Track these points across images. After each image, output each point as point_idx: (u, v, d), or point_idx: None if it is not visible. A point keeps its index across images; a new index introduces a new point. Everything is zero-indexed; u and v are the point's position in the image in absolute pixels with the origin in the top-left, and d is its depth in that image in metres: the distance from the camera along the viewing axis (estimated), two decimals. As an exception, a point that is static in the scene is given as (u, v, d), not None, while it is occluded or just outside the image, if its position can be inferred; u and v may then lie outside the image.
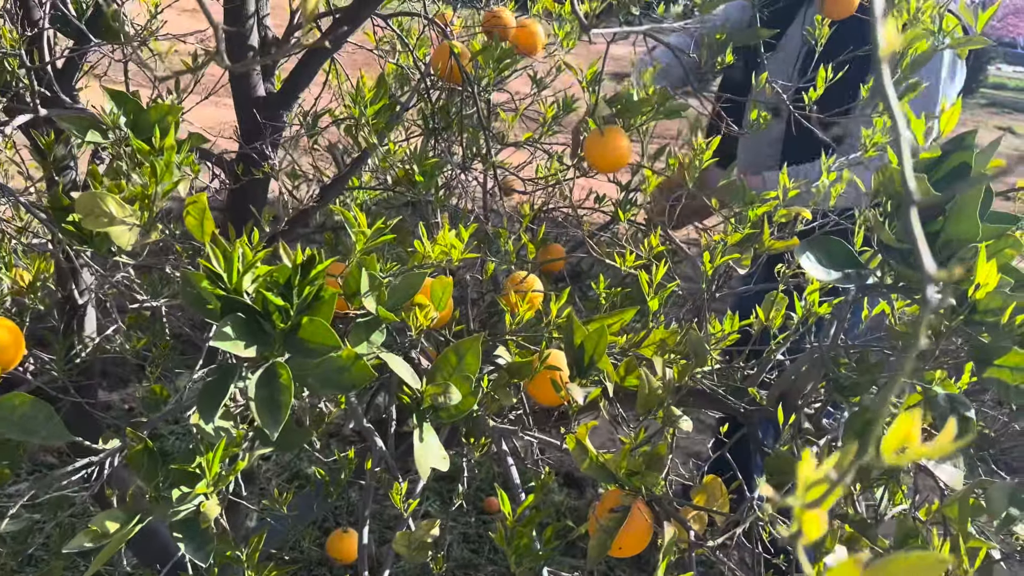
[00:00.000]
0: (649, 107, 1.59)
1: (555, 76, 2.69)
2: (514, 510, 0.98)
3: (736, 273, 1.54)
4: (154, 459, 1.02)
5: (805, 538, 0.36)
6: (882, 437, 0.33)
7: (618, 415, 1.42)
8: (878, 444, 0.33)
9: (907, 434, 0.32)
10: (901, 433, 0.32)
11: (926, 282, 0.32)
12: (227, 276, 0.93)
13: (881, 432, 0.33)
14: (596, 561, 0.98)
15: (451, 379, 1.10)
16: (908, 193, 0.32)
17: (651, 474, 1.00)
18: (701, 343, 1.13)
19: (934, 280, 0.32)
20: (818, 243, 1.05)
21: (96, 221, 0.95)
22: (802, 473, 0.36)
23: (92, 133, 1.16)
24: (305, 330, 0.94)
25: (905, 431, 0.32)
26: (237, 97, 1.74)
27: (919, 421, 0.32)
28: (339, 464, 1.62)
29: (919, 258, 0.31)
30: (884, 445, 0.33)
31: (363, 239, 1.18)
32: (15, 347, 1.28)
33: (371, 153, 1.69)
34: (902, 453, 0.33)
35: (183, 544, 0.96)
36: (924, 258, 0.31)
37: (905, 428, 0.32)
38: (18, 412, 0.93)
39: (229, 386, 0.95)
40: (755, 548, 1.13)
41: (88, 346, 1.82)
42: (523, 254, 1.67)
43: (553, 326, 1.26)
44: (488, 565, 2.83)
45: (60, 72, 1.79)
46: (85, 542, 0.92)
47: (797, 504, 0.36)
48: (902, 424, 0.32)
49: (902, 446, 0.33)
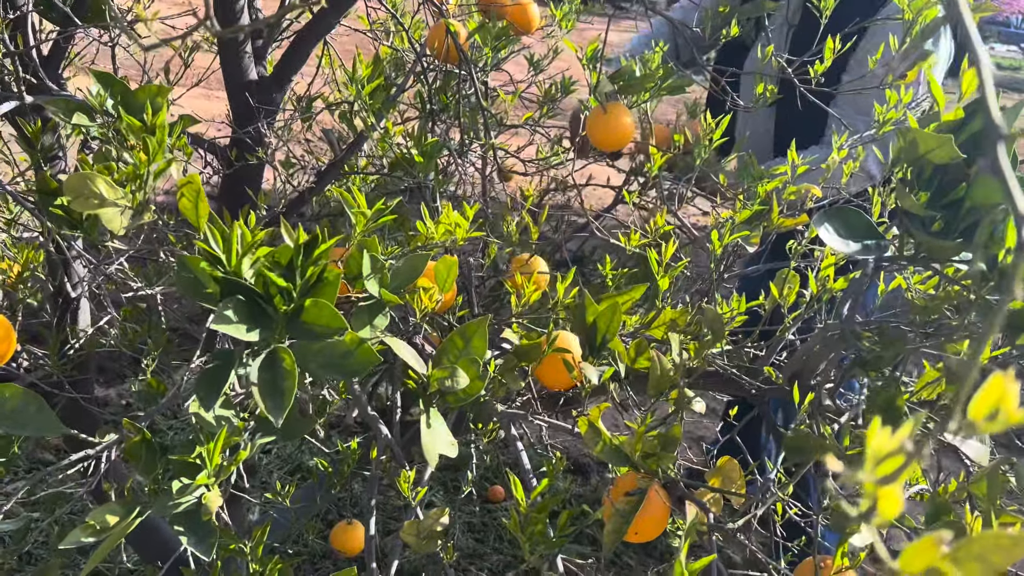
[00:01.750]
0: (652, 83, 1.55)
1: (552, 59, 2.64)
2: (526, 496, 0.95)
3: (744, 252, 1.50)
4: (152, 451, 0.99)
5: (879, 516, 0.33)
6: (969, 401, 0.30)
7: (628, 398, 1.38)
8: (965, 409, 0.29)
9: (999, 397, 0.29)
10: (992, 397, 0.29)
11: (1020, 224, 0.28)
12: (226, 258, 0.89)
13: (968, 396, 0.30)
14: (613, 546, 0.95)
15: (458, 363, 1.06)
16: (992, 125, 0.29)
17: (667, 456, 0.97)
18: (718, 319, 1.09)
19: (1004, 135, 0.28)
20: (836, 214, 1.01)
21: (86, 203, 0.91)
22: (873, 445, 0.33)
23: (79, 116, 1.12)
24: (309, 313, 0.90)
25: (997, 395, 0.29)
26: (229, 81, 1.70)
27: (1013, 383, 0.29)
28: (342, 455, 1.58)
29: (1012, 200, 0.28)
30: (974, 410, 0.29)
31: (363, 220, 1.14)
32: (6, 341, 1.24)
33: (367, 136, 1.65)
34: (994, 419, 0.29)
35: (184, 537, 0.93)
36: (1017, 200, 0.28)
37: (997, 391, 0.29)
38: (8, 404, 0.89)
39: (230, 372, 0.91)
40: (772, 532, 1.10)
41: (82, 340, 1.78)
42: (525, 237, 1.63)
43: (561, 307, 1.22)
44: (493, 554, 2.81)
45: (46, 59, 1.75)
46: (83, 537, 0.89)
47: (869, 479, 0.32)
48: (994, 387, 0.29)
49: (994, 410, 0.29)
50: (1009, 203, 0.28)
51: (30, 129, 1.43)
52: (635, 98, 1.60)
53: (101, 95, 1.13)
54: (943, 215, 0.96)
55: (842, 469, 0.32)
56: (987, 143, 0.29)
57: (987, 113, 0.29)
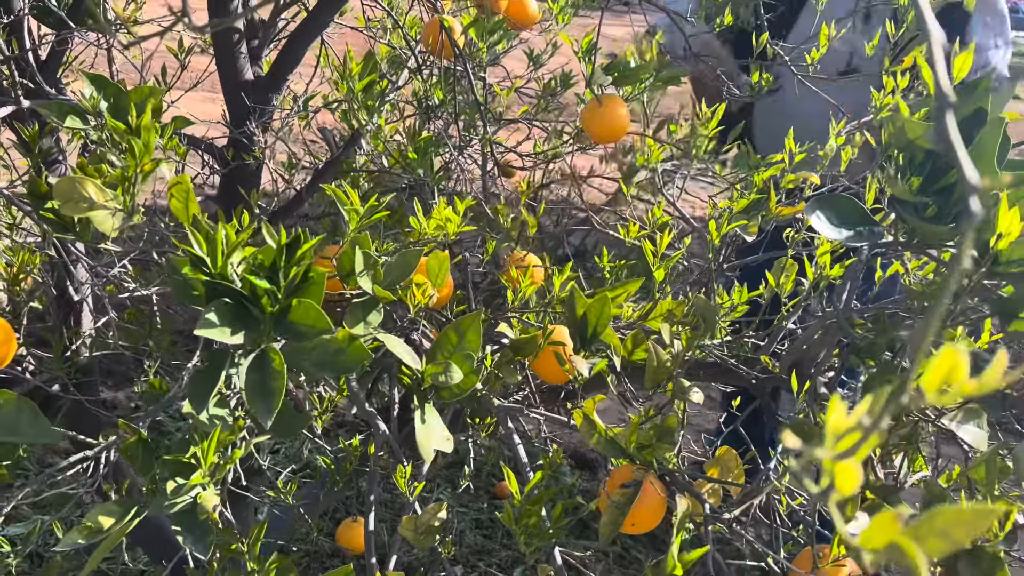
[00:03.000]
0: (647, 74, 1.54)
1: (552, 54, 2.63)
2: (522, 490, 0.95)
3: (743, 242, 1.50)
4: (149, 451, 0.99)
5: (838, 493, 0.32)
6: (921, 375, 0.29)
7: (626, 391, 1.38)
8: (918, 383, 0.29)
9: (951, 369, 0.28)
10: (944, 368, 0.28)
11: (969, 193, 0.28)
12: (210, 260, 0.89)
13: (918, 371, 0.29)
14: (609, 538, 0.94)
15: (452, 358, 1.06)
16: (942, 95, 0.28)
17: (662, 446, 0.97)
18: (710, 309, 1.09)
19: (977, 190, 0.28)
20: (828, 201, 1.00)
21: (76, 207, 0.92)
22: (831, 422, 0.33)
23: (71, 119, 1.12)
24: (295, 313, 0.90)
25: (949, 366, 0.28)
26: (225, 82, 1.70)
27: (965, 356, 0.28)
28: (344, 453, 1.58)
29: (961, 168, 0.27)
30: (926, 382, 0.29)
31: (356, 217, 1.14)
32: (6, 344, 1.25)
33: (363, 134, 1.65)
34: (946, 392, 0.29)
35: (181, 536, 0.93)
36: (965, 167, 0.27)
37: (948, 363, 0.28)
38: (1, 411, 0.90)
39: (221, 373, 0.91)
40: (772, 521, 1.09)
41: (86, 343, 1.79)
42: (524, 232, 1.63)
43: (556, 301, 1.22)
44: (502, 550, 2.80)
45: (44, 64, 1.76)
46: (79, 539, 0.89)
47: (827, 455, 0.32)
48: (945, 359, 0.28)
49: (945, 383, 0.29)
50: (959, 171, 0.27)
51: (27, 133, 1.44)
52: (631, 89, 1.59)
53: (95, 97, 1.13)
54: (935, 200, 0.95)
55: (800, 446, 0.32)
56: (937, 113, 0.28)
57: (937, 83, 0.28)
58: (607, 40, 1.59)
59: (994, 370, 0.28)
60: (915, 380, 0.29)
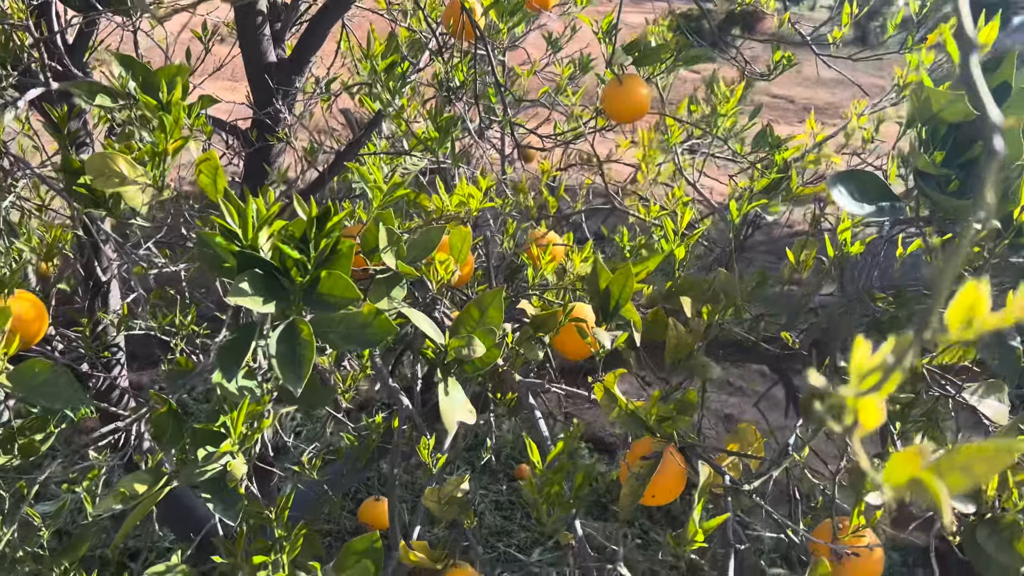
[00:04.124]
0: (668, 54, 1.54)
1: (569, 38, 2.63)
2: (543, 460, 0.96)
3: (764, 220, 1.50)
4: (179, 422, 1.01)
5: (862, 428, 0.33)
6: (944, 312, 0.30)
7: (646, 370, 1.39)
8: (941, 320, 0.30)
9: (973, 304, 0.29)
10: (966, 303, 0.29)
11: (991, 132, 0.29)
12: (242, 232, 0.91)
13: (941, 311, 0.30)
14: (628, 509, 0.95)
15: (475, 332, 1.07)
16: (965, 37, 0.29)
17: (682, 419, 0.98)
18: (731, 281, 1.09)
19: (1000, 129, 0.29)
20: (850, 176, 1.00)
21: (107, 182, 0.94)
22: (856, 361, 0.34)
23: (101, 97, 1.14)
24: (324, 284, 0.92)
25: (971, 301, 0.29)
26: (248, 64, 1.72)
27: (987, 291, 0.29)
28: (368, 430, 1.61)
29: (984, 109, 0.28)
30: (950, 317, 0.30)
31: (379, 195, 1.15)
32: (39, 320, 1.28)
33: (385, 116, 1.66)
34: (969, 326, 0.30)
35: (211, 504, 0.95)
36: (988, 106, 0.28)
37: (971, 298, 0.29)
38: (39, 378, 0.92)
39: (250, 344, 0.93)
40: (792, 494, 1.10)
41: (113, 322, 1.82)
42: (544, 212, 1.64)
43: (576, 277, 1.23)
44: (520, 531, 2.83)
45: (71, 47, 1.78)
46: (114, 504, 0.92)
47: (851, 393, 0.33)
48: (967, 294, 0.29)
49: (969, 318, 0.30)
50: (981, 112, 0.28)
51: (57, 114, 1.46)
52: (652, 70, 1.60)
53: (123, 77, 1.15)
54: (959, 174, 0.95)
55: (825, 384, 0.33)
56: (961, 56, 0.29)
57: (960, 28, 0.29)
58: (626, 28, 1.59)
59: (1016, 304, 0.29)
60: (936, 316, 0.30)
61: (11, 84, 1.58)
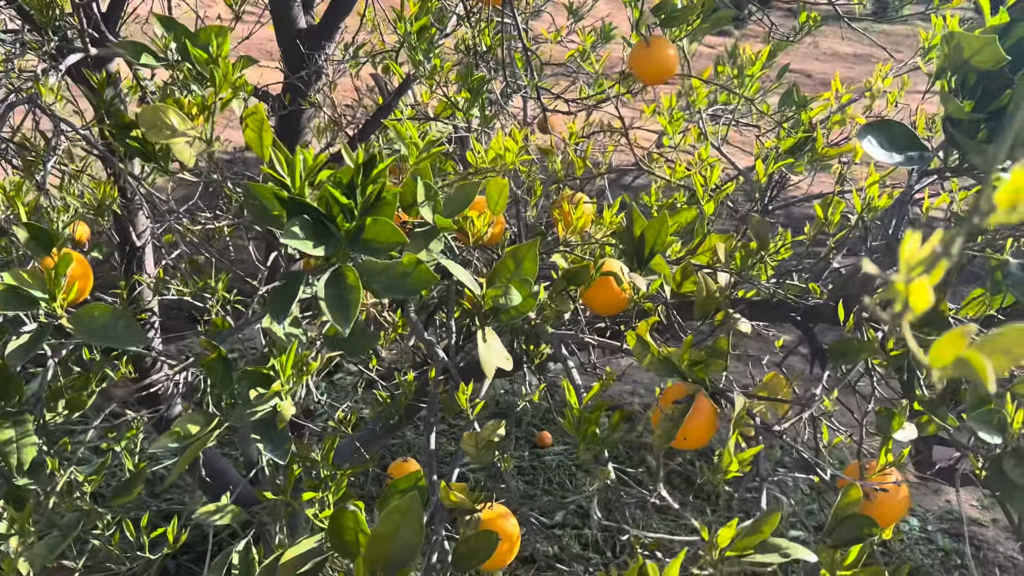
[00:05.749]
0: (695, 15, 1.56)
1: (590, 7, 2.64)
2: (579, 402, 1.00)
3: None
4: (228, 367, 1.05)
5: (912, 313, 0.36)
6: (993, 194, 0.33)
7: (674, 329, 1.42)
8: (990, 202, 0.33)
9: (1021, 188, 0.32)
10: (1015, 187, 0.32)
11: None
12: (290, 180, 0.94)
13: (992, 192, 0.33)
14: (662, 448, 0.99)
15: (511, 283, 1.11)
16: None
17: (715, 363, 1.01)
18: (764, 224, 1.12)
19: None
20: (879, 127, 1.02)
21: (159, 133, 0.97)
22: (905, 250, 0.36)
23: (146, 56, 1.18)
24: (370, 230, 0.95)
25: (1018, 185, 0.32)
26: (279, 30, 1.75)
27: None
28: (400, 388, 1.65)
29: None
30: (999, 198, 0.32)
31: (415, 151, 1.18)
32: (86, 278, 1.33)
33: (416, 77, 1.69)
34: (1015, 210, 0.33)
35: (262, 445, 1.00)
36: None
37: (1018, 182, 0.32)
38: (99, 321, 0.96)
39: (298, 289, 0.97)
40: (818, 440, 1.13)
41: (150, 285, 1.86)
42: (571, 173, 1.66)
43: (608, 232, 1.26)
44: (543, 495, 2.88)
45: (104, 15, 1.82)
46: (169, 443, 0.96)
47: (901, 280, 0.36)
48: (1016, 178, 0.32)
49: (1016, 202, 0.32)
50: None
51: (96, 79, 1.50)
52: (677, 32, 1.61)
53: (166, 37, 1.18)
54: (988, 123, 0.97)
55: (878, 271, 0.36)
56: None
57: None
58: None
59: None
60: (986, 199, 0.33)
61: (50, 51, 1.62)
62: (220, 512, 1.11)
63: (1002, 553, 3.04)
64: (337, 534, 0.94)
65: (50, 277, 0.97)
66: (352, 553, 0.93)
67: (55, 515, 1.24)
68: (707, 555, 0.76)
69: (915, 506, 3.21)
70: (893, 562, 2.78)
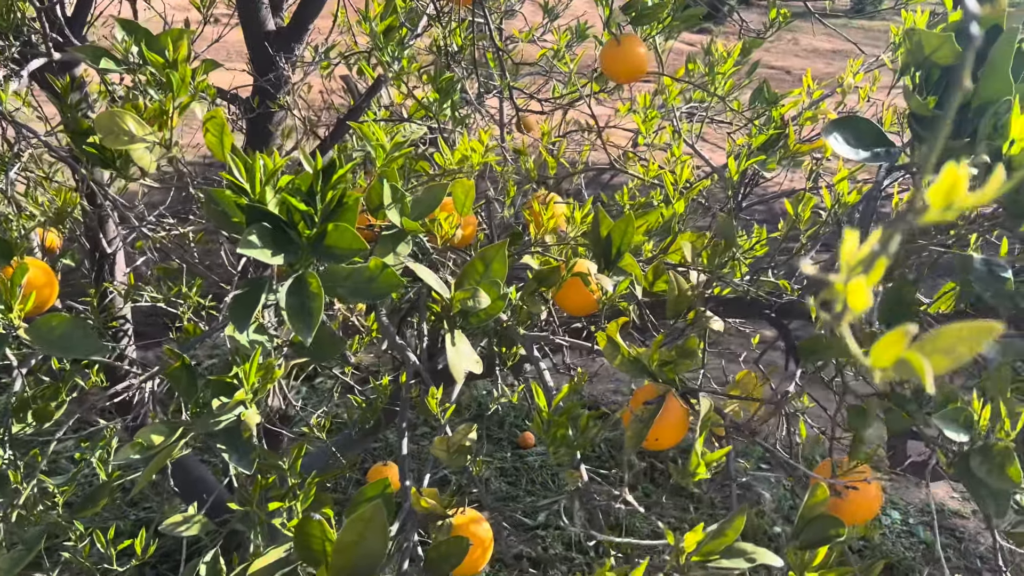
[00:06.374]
0: (665, 13, 1.55)
1: (565, 6, 2.63)
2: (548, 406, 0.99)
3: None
4: (193, 375, 1.04)
5: (851, 313, 0.35)
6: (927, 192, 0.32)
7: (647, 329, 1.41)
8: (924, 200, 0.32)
9: (953, 185, 0.31)
10: (947, 185, 0.31)
11: (968, 20, 0.31)
12: (250, 187, 0.92)
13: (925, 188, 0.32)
14: (633, 450, 0.98)
15: (479, 285, 1.10)
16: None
17: (684, 363, 1.00)
18: (730, 224, 1.11)
19: (977, 16, 0.31)
20: (845, 123, 1.02)
21: (117, 139, 0.95)
22: (844, 250, 0.36)
23: (106, 61, 1.16)
24: (331, 236, 0.94)
25: (950, 182, 0.31)
26: (248, 32, 1.73)
27: (966, 173, 0.31)
28: (375, 394, 1.63)
29: None
30: (931, 198, 0.32)
31: (383, 153, 1.17)
32: (50, 287, 1.30)
33: (385, 81, 1.67)
34: (949, 207, 0.32)
35: (227, 454, 0.98)
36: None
37: (950, 179, 0.31)
38: (57, 331, 0.95)
39: (260, 297, 0.96)
40: (791, 438, 1.13)
41: (120, 292, 1.84)
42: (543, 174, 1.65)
43: (579, 234, 1.25)
44: (526, 496, 2.88)
45: (69, 19, 1.79)
46: (132, 454, 0.94)
47: (840, 280, 0.35)
48: (947, 176, 0.31)
49: (949, 200, 0.32)
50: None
51: (60, 84, 1.48)
52: (649, 30, 1.60)
53: (126, 41, 1.16)
54: (952, 117, 0.97)
55: (816, 271, 0.35)
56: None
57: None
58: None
59: (992, 184, 0.31)
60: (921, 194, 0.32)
61: (13, 56, 1.60)
62: (188, 523, 1.09)
63: (983, 544, 3.06)
64: (304, 543, 0.93)
65: (5, 287, 0.95)
66: (319, 562, 0.92)
67: (20, 529, 1.22)
68: (672, 560, 0.75)
69: (897, 499, 3.22)
70: (874, 556, 2.79)
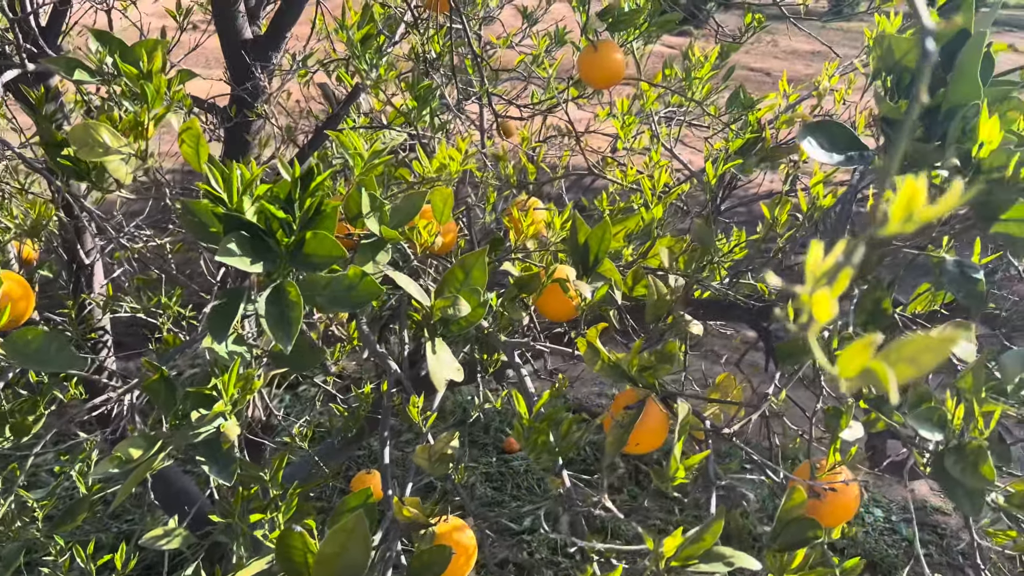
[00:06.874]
0: (642, 18, 1.56)
1: (544, 11, 2.63)
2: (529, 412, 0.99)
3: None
4: (171, 388, 1.03)
5: (816, 325, 0.36)
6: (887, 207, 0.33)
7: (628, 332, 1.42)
8: (885, 213, 0.33)
9: (912, 199, 0.32)
10: (906, 198, 0.32)
11: (924, 36, 0.31)
12: (227, 196, 0.92)
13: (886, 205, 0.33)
14: (613, 456, 0.99)
15: (459, 292, 1.10)
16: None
17: (663, 368, 1.01)
18: (707, 230, 1.12)
19: (932, 32, 0.31)
20: (819, 127, 1.03)
21: (91, 151, 0.95)
22: (809, 262, 0.36)
23: (79, 72, 1.15)
24: (309, 244, 0.94)
25: (910, 195, 0.32)
26: (224, 41, 1.72)
27: (925, 186, 0.32)
28: (358, 402, 1.63)
29: (918, 14, 0.31)
30: (892, 212, 0.32)
31: (361, 161, 1.17)
32: (26, 300, 1.29)
33: (362, 89, 1.67)
34: (909, 219, 0.32)
35: (207, 466, 0.98)
36: (921, 13, 0.31)
37: (910, 192, 0.32)
38: (32, 345, 0.94)
39: (239, 307, 0.95)
40: (771, 440, 1.14)
41: (99, 304, 1.83)
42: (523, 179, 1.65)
43: (558, 240, 1.26)
44: (511, 501, 2.87)
45: (45, 29, 1.78)
46: (110, 468, 0.94)
47: (805, 292, 0.36)
48: (907, 189, 0.32)
49: (909, 212, 0.32)
50: (915, 15, 0.30)
51: (33, 95, 1.46)
52: (626, 36, 1.61)
53: (100, 52, 1.16)
54: (923, 121, 0.98)
55: (781, 284, 0.36)
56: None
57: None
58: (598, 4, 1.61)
59: (950, 196, 0.32)
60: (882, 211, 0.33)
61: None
62: (169, 536, 1.08)
63: (965, 540, 3.10)
64: (285, 555, 0.93)
65: (-21, 302, 0.94)
66: (301, 574, 0.91)
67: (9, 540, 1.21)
68: (651, 566, 0.75)
69: (879, 497, 3.25)
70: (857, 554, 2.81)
